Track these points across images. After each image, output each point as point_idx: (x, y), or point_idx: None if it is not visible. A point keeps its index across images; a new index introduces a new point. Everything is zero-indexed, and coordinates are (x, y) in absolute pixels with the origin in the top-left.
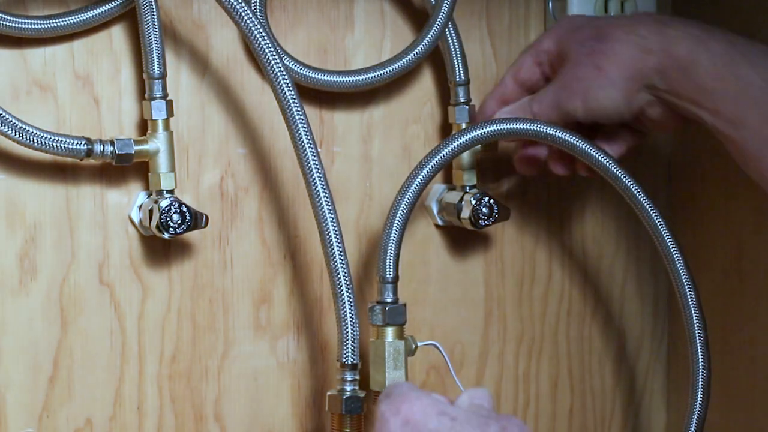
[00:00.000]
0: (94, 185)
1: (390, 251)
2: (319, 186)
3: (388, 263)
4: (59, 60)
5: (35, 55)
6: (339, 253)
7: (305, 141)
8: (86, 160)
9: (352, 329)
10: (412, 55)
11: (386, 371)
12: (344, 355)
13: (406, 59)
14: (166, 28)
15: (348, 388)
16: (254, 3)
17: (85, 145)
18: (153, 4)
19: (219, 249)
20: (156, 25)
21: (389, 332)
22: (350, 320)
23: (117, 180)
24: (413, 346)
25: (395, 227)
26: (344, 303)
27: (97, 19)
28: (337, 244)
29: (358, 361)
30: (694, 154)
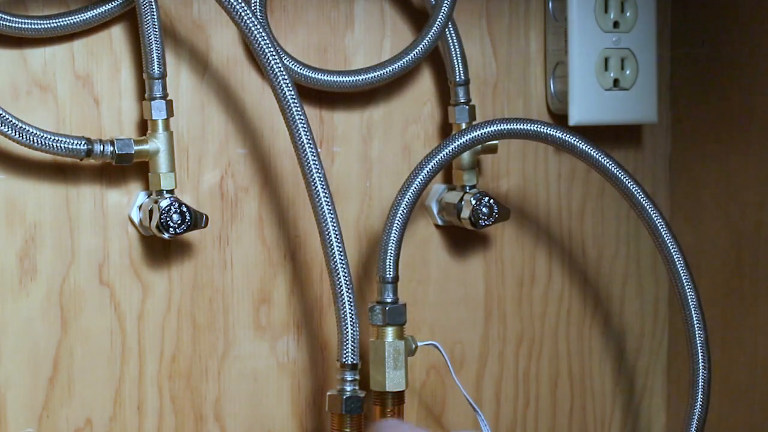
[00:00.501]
0: (94, 185)
1: (390, 251)
2: (319, 186)
3: (388, 263)
4: (59, 60)
5: (35, 55)
6: (339, 253)
7: (305, 141)
8: (86, 160)
9: (352, 329)
10: (412, 55)
11: (386, 371)
12: (344, 355)
13: (406, 59)
14: (166, 28)
15: (348, 388)
16: (254, 3)
17: (85, 145)
18: (153, 4)
19: (219, 249)
20: (156, 25)
21: (389, 332)
22: (350, 320)
23: (117, 180)
24: (413, 346)
25: (395, 227)
26: (344, 303)
27: (97, 19)
28: (337, 244)
29: (358, 361)
30: (694, 154)
